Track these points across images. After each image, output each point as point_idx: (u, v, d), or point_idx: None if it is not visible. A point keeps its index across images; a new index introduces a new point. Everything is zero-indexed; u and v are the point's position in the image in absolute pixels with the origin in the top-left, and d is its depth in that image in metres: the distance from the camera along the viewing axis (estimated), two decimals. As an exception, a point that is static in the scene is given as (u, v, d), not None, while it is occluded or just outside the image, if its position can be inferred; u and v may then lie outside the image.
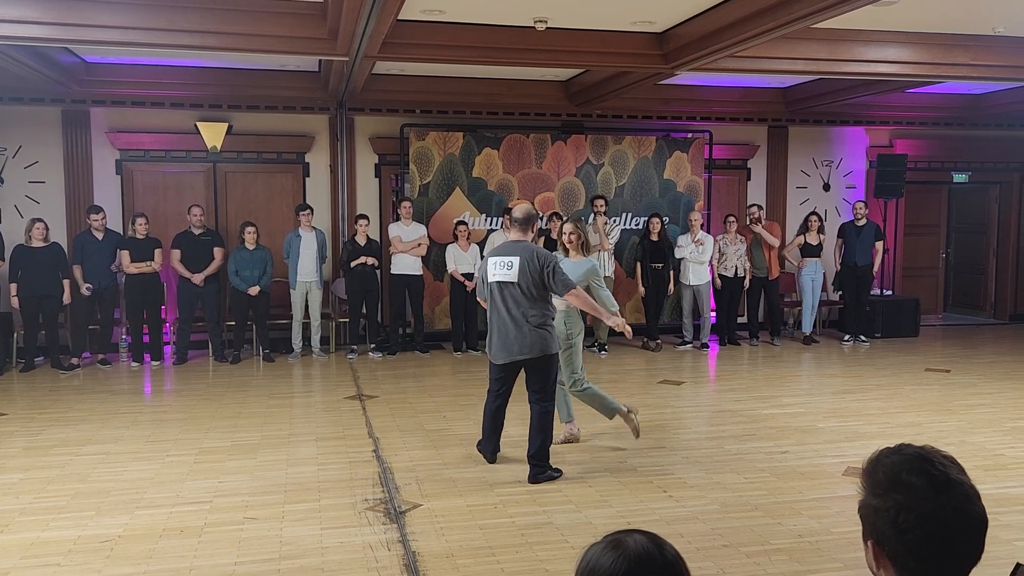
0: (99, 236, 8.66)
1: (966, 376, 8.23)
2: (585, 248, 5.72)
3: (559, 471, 5.11)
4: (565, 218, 9.49)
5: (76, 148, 9.40)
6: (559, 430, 5.63)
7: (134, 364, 8.80)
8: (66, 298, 8.48)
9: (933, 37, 7.42)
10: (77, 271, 8.61)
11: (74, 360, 8.60)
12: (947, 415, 6.69)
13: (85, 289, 8.54)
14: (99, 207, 8.76)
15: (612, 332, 9.83)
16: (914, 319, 10.87)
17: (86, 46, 7.68)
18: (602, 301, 5.54)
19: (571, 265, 5.54)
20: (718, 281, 9.99)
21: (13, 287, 8.39)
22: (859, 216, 10.29)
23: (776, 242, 10.09)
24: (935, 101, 10.91)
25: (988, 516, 1.28)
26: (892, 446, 1.35)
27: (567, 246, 5.72)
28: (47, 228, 8.53)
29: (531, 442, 5.07)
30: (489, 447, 5.36)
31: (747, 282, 10.11)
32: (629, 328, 5.66)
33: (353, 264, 9.17)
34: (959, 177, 12.03)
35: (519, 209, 5.20)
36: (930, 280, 12.53)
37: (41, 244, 8.46)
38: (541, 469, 5.04)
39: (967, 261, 12.78)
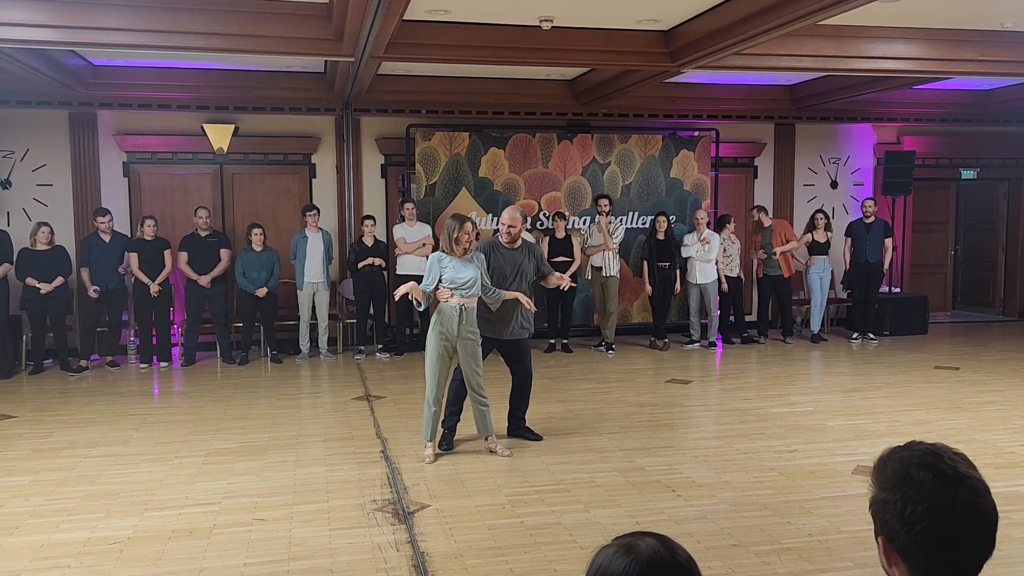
0: (106, 238, 8.69)
1: (976, 373, 8.19)
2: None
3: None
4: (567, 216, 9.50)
5: (83, 151, 9.43)
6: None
7: (142, 366, 8.82)
8: (45, 288, 8.34)
9: (941, 33, 7.38)
10: (85, 274, 8.64)
11: (83, 362, 8.63)
12: (957, 413, 6.65)
13: (92, 291, 8.57)
14: (106, 209, 8.79)
15: (618, 331, 9.90)
16: (923, 316, 10.82)
17: (92, 49, 7.70)
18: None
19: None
20: (725, 284, 9.94)
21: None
22: (868, 214, 10.25)
23: (796, 245, 10.07)
24: (943, 97, 10.86)
25: (1000, 513, 1.27)
26: (902, 444, 1.34)
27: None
28: (52, 232, 8.55)
29: None
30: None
31: (743, 276, 10.15)
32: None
33: (361, 265, 9.17)
34: (967, 173, 11.97)
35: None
36: (939, 277, 12.47)
37: (46, 247, 8.48)
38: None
39: (976, 258, 12.72)
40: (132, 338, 9.32)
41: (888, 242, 10.32)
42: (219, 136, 9.48)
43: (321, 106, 9.72)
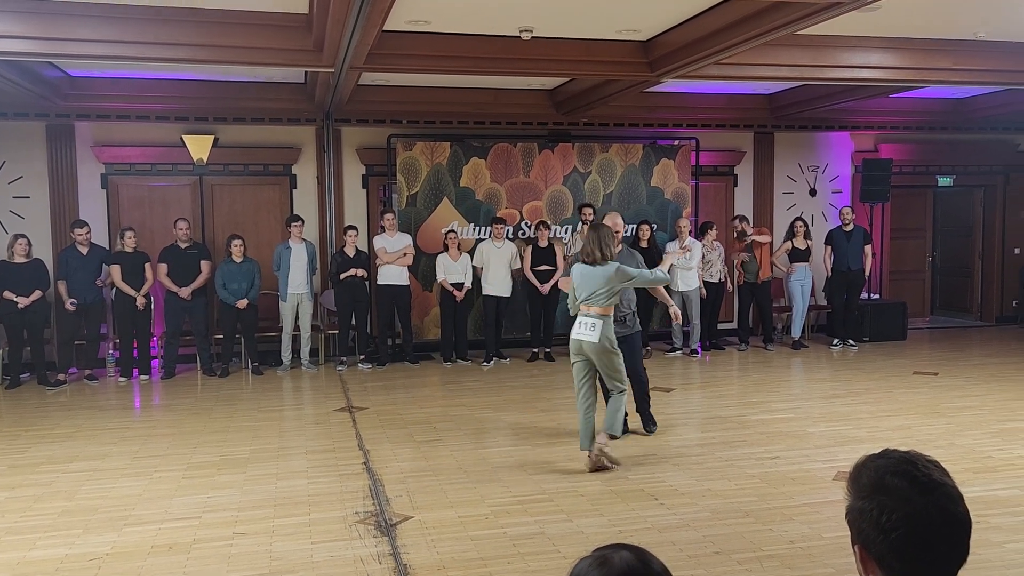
0: (83, 251, 8.60)
1: (954, 379, 8.28)
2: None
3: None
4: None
5: (61, 163, 9.34)
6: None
7: (122, 379, 8.73)
8: (23, 302, 8.29)
9: (915, 42, 7.49)
10: (62, 286, 8.55)
11: (61, 376, 8.53)
12: (936, 418, 6.71)
13: (69, 304, 8.47)
14: (83, 222, 8.70)
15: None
16: (902, 322, 10.92)
17: (70, 60, 7.65)
18: None
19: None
20: (703, 291, 9.99)
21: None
22: (846, 221, 10.37)
23: (769, 239, 10.15)
24: (919, 106, 11.01)
25: (975, 519, 1.29)
26: (877, 452, 1.36)
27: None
28: (30, 244, 8.47)
29: None
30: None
31: (729, 284, 10.21)
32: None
33: (343, 276, 9.14)
34: (944, 181, 12.12)
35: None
36: (917, 283, 12.60)
37: (23, 260, 8.39)
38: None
39: (953, 264, 12.87)
40: (111, 351, 9.23)
41: (868, 249, 10.44)
42: (198, 147, 9.42)
43: (302, 117, 9.70)
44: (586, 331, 5.32)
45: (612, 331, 5.37)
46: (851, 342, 10.34)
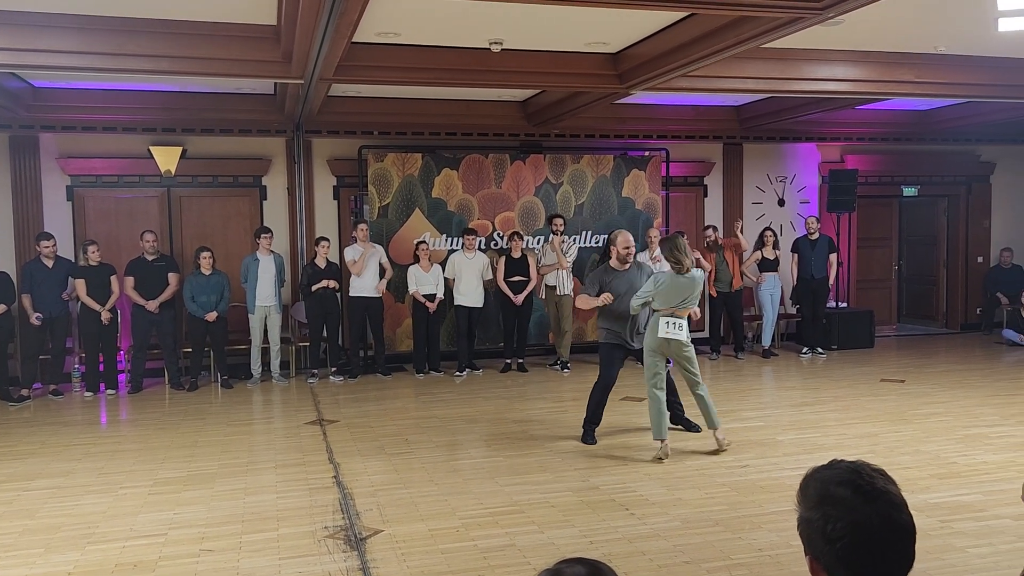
0: (49, 264, 8.46)
1: (920, 385, 8.40)
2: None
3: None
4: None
5: (25, 174, 9.19)
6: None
7: (88, 394, 8.58)
8: None
9: (879, 56, 7.63)
10: (26, 300, 8.40)
11: (24, 391, 8.37)
12: (902, 425, 6.80)
13: (35, 319, 8.33)
14: (49, 234, 8.57)
15: (574, 349, 9.94)
16: (869, 330, 11.08)
17: (33, 71, 7.54)
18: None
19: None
20: None
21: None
22: (812, 230, 10.51)
23: (747, 244, 10.27)
24: (883, 117, 11.20)
25: (940, 524, 1.31)
26: (824, 463, 1.38)
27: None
28: (-6, 257, 8.34)
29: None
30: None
31: (711, 289, 10.32)
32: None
33: (315, 288, 9.07)
34: (909, 191, 12.33)
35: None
36: (883, 292, 12.79)
37: (-13, 274, 8.25)
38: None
39: (919, 272, 13.09)
40: (77, 365, 9.07)
41: (833, 257, 10.58)
42: (166, 159, 9.33)
43: (272, 128, 9.64)
44: (675, 331, 5.97)
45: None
46: (820, 350, 10.46)
